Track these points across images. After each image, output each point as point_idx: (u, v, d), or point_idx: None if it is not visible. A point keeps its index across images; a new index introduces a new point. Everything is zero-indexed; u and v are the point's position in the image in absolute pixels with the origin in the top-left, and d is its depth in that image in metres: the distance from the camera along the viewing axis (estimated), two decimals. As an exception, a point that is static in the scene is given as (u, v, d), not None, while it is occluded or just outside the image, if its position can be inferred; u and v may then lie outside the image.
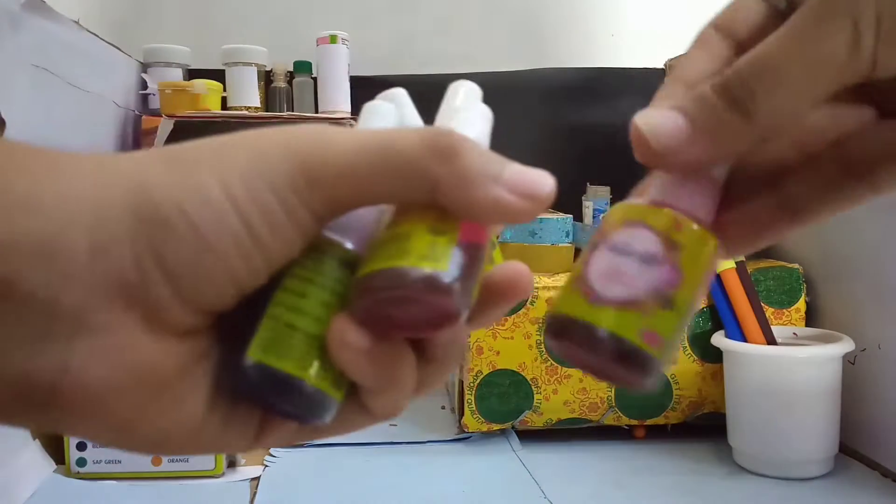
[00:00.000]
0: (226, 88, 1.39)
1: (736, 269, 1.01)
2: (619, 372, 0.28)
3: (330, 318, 0.25)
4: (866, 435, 0.96)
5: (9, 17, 0.88)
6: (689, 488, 0.90)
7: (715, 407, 1.06)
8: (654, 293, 0.28)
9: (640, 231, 0.30)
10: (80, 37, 1.11)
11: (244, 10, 1.58)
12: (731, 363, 0.98)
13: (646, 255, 0.29)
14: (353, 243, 0.27)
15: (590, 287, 0.29)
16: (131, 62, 1.37)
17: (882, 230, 0.93)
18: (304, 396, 0.25)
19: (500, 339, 1.03)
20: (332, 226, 0.26)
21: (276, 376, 0.25)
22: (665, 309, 0.28)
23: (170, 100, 1.31)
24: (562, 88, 1.55)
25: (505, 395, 1.04)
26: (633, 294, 0.28)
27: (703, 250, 0.29)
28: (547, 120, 1.53)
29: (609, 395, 1.05)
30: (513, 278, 0.29)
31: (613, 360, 0.27)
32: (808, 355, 0.92)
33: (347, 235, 0.27)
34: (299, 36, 1.47)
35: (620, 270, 0.29)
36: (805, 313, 1.06)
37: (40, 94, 0.97)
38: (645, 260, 0.29)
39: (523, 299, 0.30)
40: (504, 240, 1.11)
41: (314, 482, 0.92)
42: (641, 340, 0.27)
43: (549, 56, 1.60)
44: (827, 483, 0.91)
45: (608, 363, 0.28)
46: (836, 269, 1.02)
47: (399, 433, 1.09)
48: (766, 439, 0.93)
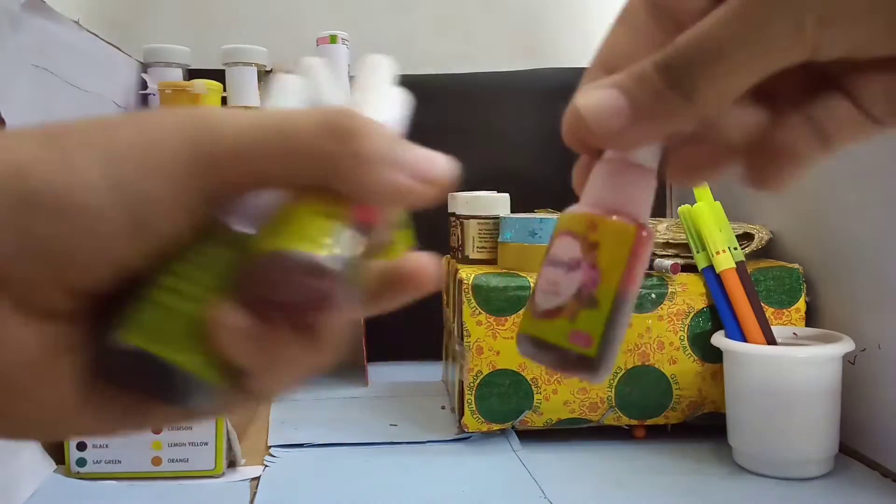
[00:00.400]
0: (226, 88, 1.39)
1: (736, 269, 1.01)
2: (570, 373, 0.31)
3: (212, 301, 0.25)
4: (866, 435, 0.96)
5: (9, 17, 0.88)
6: (689, 488, 0.90)
7: (715, 407, 1.06)
8: (577, 296, 0.30)
9: (564, 240, 0.33)
10: (80, 37, 1.11)
11: (244, 10, 1.58)
12: (731, 363, 0.98)
13: (571, 262, 0.31)
14: (247, 226, 0.26)
15: (534, 302, 0.32)
16: (131, 62, 1.37)
17: (882, 230, 0.93)
18: (180, 379, 0.25)
19: (500, 339, 1.03)
20: (228, 208, 0.26)
21: (149, 359, 0.25)
22: (590, 308, 0.30)
23: (170, 100, 1.31)
24: (562, 88, 1.53)
25: (505, 395, 1.04)
26: (560, 301, 0.31)
27: (620, 242, 0.30)
28: (547, 120, 1.53)
29: (609, 395, 1.05)
30: (414, 270, 0.29)
31: (556, 366, 0.31)
32: (808, 355, 0.92)
33: (242, 218, 0.26)
34: (299, 36, 1.47)
35: (553, 281, 0.32)
36: (805, 313, 1.06)
37: (40, 94, 0.97)
38: (570, 267, 0.31)
39: (427, 291, 0.30)
40: (504, 240, 1.11)
41: (314, 482, 0.92)
42: (570, 343, 0.30)
43: (549, 56, 1.61)
44: (827, 483, 0.91)
45: (557, 367, 0.31)
46: (836, 269, 1.02)
47: (399, 433, 1.09)
48: (766, 439, 0.93)
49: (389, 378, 1.40)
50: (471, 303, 1.04)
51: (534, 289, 0.33)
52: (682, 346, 1.05)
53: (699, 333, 1.05)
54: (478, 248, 1.16)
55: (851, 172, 0.98)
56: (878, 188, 0.93)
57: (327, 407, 1.23)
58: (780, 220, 1.15)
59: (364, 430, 1.10)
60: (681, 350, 1.05)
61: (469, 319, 1.04)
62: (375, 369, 1.43)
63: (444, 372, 1.34)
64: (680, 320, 1.05)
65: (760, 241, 1.11)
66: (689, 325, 1.05)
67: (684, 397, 1.06)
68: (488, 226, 1.15)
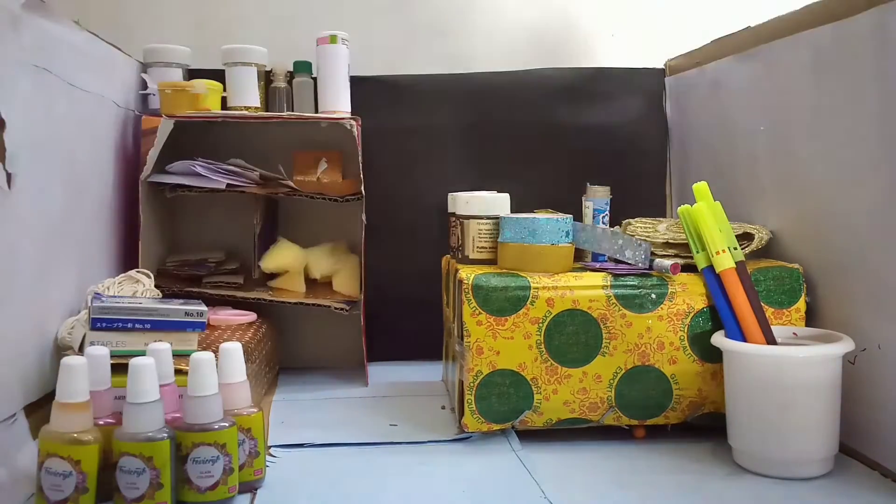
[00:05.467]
0: (226, 88, 1.39)
1: (736, 269, 1.01)
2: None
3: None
4: (866, 435, 0.96)
5: (9, 17, 0.88)
6: (689, 488, 0.90)
7: (715, 407, 1.06)
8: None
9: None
10: (80, 37, 1.11)
11: (244, 10, 1.59)
12: (731, 363, 0.98)
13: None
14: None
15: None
16: (131, 62, 1.37)
17: (882, 230, 0.93)
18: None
19: (500, 339, 1.03)
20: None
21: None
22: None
23: (170, 100, 1.31)
24: (562, 88, 1.55)
25: (505, 394, 1.04)
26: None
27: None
28: (547, 120, 1.53)
29: (609, 395, 1.05)
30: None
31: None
32: (807, 355, 0.92)
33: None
34: (299, 36, 1.47)
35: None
36: (805, 313, 1.06)
37: (40, 94, 0.97)
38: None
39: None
40: (504, 240, 1.11)
41: (314, 482, 0.92)
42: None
43: (549, 56, 1.61)
44: (827, 483, 0.91)
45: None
46: (836, 269, 1.02)
47: (399, 433, 1.09)
48: (766, 439, 0.93)
49: (389, 378, 1.40)
50: (471, 303, 1.04)
51: None
52: (682, 346, 1.05)
53: (699, 333, 1.05)
54: (478, 248, 1.16)
55: (851, 172, 0.98)
56: (878, 188, 0.93)
57: (327, 407, 1.24)
58: (780, 220, 1.15)
59: (364, 430, 1.10)
60: (681, 350, 1.05)
61: (469, 319, 1.04)
62: (375, 369, 1.43)
63: (444, 372, 1.34)
64: (680, 320, 1.05)
65: (760, 241, 1.11)
66: (689, 324, 1.05)
67: (684, 397, 1.06)
68: (488, 226, 1.15)
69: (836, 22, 0.99)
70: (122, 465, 0.79)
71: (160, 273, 1.35)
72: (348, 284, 1.40)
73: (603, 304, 1.04)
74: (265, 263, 1.39)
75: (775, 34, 1.15)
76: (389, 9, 1.61)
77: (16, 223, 0.90)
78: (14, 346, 0.90)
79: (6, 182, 0.87)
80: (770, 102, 1.17)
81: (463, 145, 1.52)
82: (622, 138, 1.54)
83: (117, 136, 1.29)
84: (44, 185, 0.98)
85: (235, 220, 1.48)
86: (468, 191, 1.21)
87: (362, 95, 1.45)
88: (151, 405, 0.81)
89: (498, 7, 1.63)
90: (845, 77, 0.98)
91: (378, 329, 1.46)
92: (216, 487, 0.83)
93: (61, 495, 0.79)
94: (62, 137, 1.05)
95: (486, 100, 1.53)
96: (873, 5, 0.92)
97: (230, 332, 1.22)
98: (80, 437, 0.79)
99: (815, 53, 1.04)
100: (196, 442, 0.82)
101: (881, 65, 0.92)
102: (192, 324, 0.97)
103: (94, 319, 0.94)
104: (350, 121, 1.33)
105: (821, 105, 1.04)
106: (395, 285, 1.50)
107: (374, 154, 1.46)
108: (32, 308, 0.95)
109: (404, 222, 1.51)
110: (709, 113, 1.39)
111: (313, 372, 1.45)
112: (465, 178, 1.43)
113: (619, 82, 1.57)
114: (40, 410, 0.93)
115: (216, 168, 1.31)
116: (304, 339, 1.51)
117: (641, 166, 1.55)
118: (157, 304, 0.98)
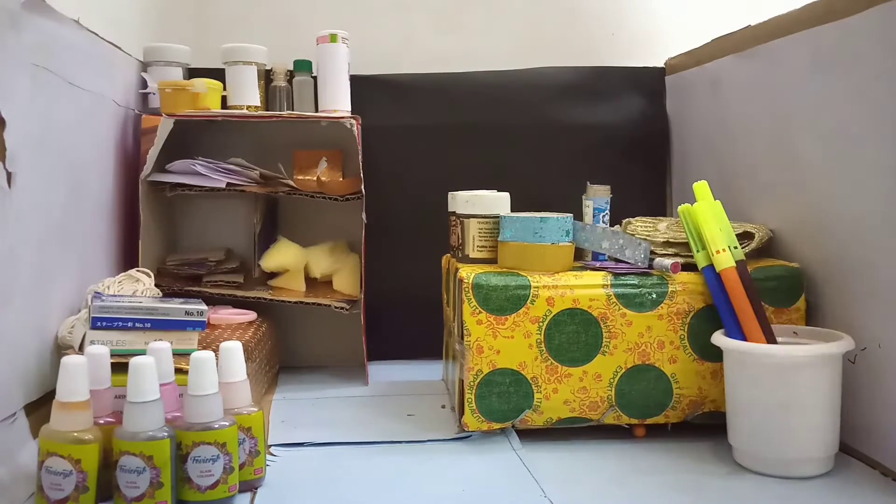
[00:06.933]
0: (226, 87, 1.39)
1: (736, 269, 1.01)
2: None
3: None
4: (866, 434, 0.96)
5: (9, 17, 0.88)
6: (689, 487, 0.90)
7: (715, 406, 1.06)
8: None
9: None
10: (80, 36, 1.11)
11: (244, 10, 1.59)
12: (731, 362, 0.98)
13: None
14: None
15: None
16: (131, 61, 1.37)
17: (882, 230, 0.93)
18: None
19: (501, 339, 1.03)
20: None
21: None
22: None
23: (170, 99, 1.31)
24: (562, 88, 1.55)
25: (505, 394, 1.04)
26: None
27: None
28: (547, 119, 1.53)
29: (609, 394, 1.05)
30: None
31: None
32: (808, 354, 0.92)
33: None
34: (299, 35, 1.47)
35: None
36: (805, 312, 1.06)
37: (40, 93, 0.97)
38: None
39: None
40: (504, 239, 1.11)
41: (314, 482, 0.92)
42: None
43: (549, 56, 1.60)
44: (827, 482, 0.91)
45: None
46: (837, 268, 1.02)
47: (399, 433, 1.09)
48: (766, 438, 0.93)
49: (390, 377, 1.40)
50: (471, 302, 1.04)
51: None
52: (683, 345, 1.05)
53: (699, 332, 1.05)
54: (478, 248, 1.16)
55: (852, 171, 0.98)
56: (878, 187, 0.93)
57: (327, 406, 1.24)
58: (780, 219, 1.15)
59: (364, 429, 1.10)
60: (681, 349, 1.05)
61: (469, 318, 1.04)
62: (375, 368, 1.43)
63: (444, 371, 1.34)
64: (680, 319, 1.05)
65: (760, 241, 1.11)
66: (689, 324, 1.05)
67: (684, 396, 1.06)
68: (488, 225, 1.15)
69: (836, 21, 0.99)
70: (122, 465, 0.79)
71: (160, 272, 1.35)
72: (348, 283, 1.40)
73: (603, 303, 1.04)
74: (265, 262, 1.39)
75: (775, 33, 1.15)
76: (389, 8, 1.61)
77: (16, 222, 0.90)
78: (14, 345, 0.90)
79: (6, 181, 0.87)
80: (770, 101, 1.17)
81: (463, 145, 1.52)
82: (622, 137, 1.54)
83: (117, 135, 1.29)
84: (44, 184, 0.98)
85: (235, 220, 1.48)
86: (468, 190, 1.21)
87: (362, 94, 1.46)
88: (152, 404, 0.81)
89: (498, 6, 1.63)
90: (845, 76, 0.98)
91: (378, 328, 1.46)
92: (216, 486, 0.83)
93: (61, 494, 0.79)
94: (62, 136, 1.05)
95: (486, 99, 1.53)
96: (873, 4, 0.92)
97: (230, 331, 1.22)
98: (80, 436, 0.79)
99: (815, 52, 1.04)
100: (196, 441, 0.82)
101: (881, 64, 0.92)
102: (193, 323, 0.97)
103: (94, 318, 0.94)
104: (350, 120, 1.33)
105: (821, 104, 1.04)
106: (395, 284, 1.50)
107: (374, 153, 1.46)
108: (32, 307, 0.95)
109: (404, 221, 1.51)
110: (709, 112, 1.39)
111: (313, 371, 1.45)
112: (465, 177, 1.43)
113: (619, 81, 1.57)
114: (41, 409, 0.93)
115: (216, 167, 1.31)
116: (305, 338, 1.51)
117: (641, 165, 1.55)
118: (157, 303, 0.98)
